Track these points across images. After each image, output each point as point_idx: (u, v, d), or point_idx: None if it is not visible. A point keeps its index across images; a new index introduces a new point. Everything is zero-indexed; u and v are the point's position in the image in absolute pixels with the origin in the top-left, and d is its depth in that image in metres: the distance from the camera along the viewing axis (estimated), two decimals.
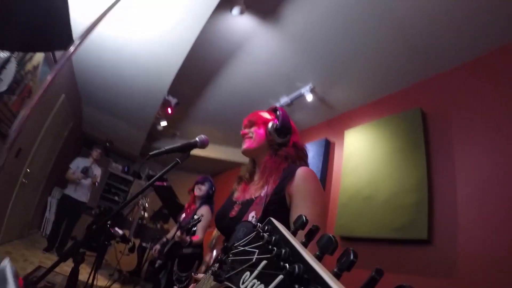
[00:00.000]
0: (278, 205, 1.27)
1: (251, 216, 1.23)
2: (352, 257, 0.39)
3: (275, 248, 0.46)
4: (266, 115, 1.61)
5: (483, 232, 2.46)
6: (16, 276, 1.15)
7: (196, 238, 3.30)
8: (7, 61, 3.01)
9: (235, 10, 3.19)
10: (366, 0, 2.93)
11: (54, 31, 2.62)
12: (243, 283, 0.47)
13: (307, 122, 5.08)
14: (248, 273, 0.48)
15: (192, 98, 5.43)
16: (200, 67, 4.49)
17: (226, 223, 1.40)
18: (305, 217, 0.53)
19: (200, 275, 1.42)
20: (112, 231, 3.61)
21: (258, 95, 4.78)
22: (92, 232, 4.43)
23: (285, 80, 4.32)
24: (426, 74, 3.51)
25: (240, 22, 3.51)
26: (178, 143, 6.22)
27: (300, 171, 1.33)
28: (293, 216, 1.24)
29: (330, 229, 3.69)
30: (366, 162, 3.68)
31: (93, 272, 3.32)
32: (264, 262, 0.46)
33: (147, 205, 4.39)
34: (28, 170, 4.81)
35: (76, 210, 5.86)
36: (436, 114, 3.24)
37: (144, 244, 5.38)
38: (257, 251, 0.51)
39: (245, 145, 1.55)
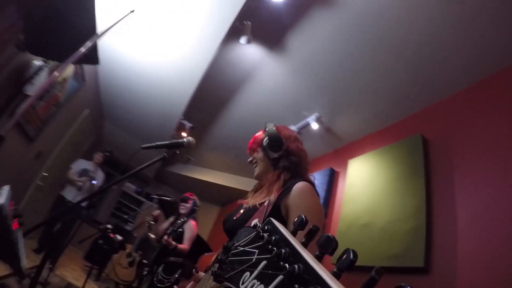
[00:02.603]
0: (276, 216, 1.22)
1: (254, 223, 1.23)
2: (352, 256, 0.39)
3: (275, 248, 0.45)
4: (260, 136, 1.64)
5: (482, 261, 2.32)
6: (10, 198, 1.21)
7: (183, 246, 3.43)
8: (40, 68, 3.24)
9: (243, 39, 3.31)
10: (368, 30, 2.99)
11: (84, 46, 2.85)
12: (243, 283, 0.46)
13: (314, 151, 5.05)
14: (248, 273, 0.47)
15: (206, 124, 5.53)
16: (214, 94, 4.63)
17: (229, 224, 1.43)
18: (305, 217, 0.52)
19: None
20: (112, 237, 3.65)
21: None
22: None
23: (292, 109, 4.37)
24: (428, 102, 3.48)
25: (248, 51, 3.65)
26: (191, 169, 6.36)
27: (297, 186, 1.32)
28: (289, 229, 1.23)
29: (329, 258, 3.58)
30: (367, 190, 3.60)
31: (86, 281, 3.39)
32: (264, 262, 0.46)
33: (152, 223, 4.40)
34: (46, 174, 4.95)
35: (73, 214, 5.14)
36: (438, 140, 3.18)
37: (145, 261, 5.37)
38: (257, 251, 0.51)
39: (255, 172, 1.60)
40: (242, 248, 0.57)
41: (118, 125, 6.92)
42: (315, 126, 4.27)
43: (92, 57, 3.09)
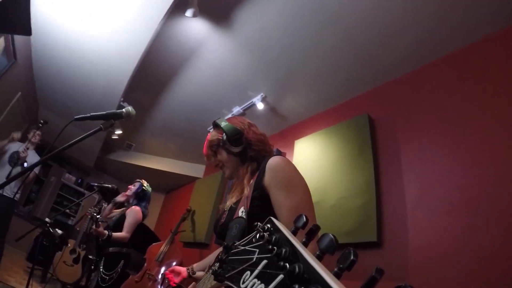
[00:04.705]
0: (260, 200, 1.21)
1: (241, 212, 1.19)
2: (352, 256, 0.38)
3: (275, 247, 0.44)
4: (214, 136, 1.54)
5: (432, 232, 2.41)
6: None
7: (119, 234, 3.13)
8: None
9: (189, 12, 2.99)
10: (317, 9, 2.88)
11: (14, 15, 2.49)
12: (243, 282, 0.46)
13: None
14: (248, 272, 0.47)
15: (147, 106, 5.15)
16: (155, 72, 4.28)
17: (218, 231, 1.37)
18: (306, 216, 0.51)
19: None
20: (52, 231, 3.33)
21: (211, 104, 4.61)
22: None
23: (238, 89, 4.18)
24: (373, 83, 3.50)
25: (194, 26, 3.36)
26: (133, 156, 5.92)
27: (270, 162, 1.27)
28: (276, 209, 1.19)
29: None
30: (315, 170, 3.54)
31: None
32: (264, 261, 0.45)
33: (96, 215, 4.08)
34: None
35: (4, 208, 4.13)
36: (383, 120, 3.23)
37: (90, 256, 5.05)
38: (257, 250, 0.50)
39: (225, 174, 1.53)
40: (242, 247, 0.57)
41: (54, 111, 6.22)
42: (260, 106, 4.13)
43: (23, 25, 2.70)
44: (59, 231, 3.57)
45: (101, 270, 3.08)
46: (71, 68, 4.61)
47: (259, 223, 0.57)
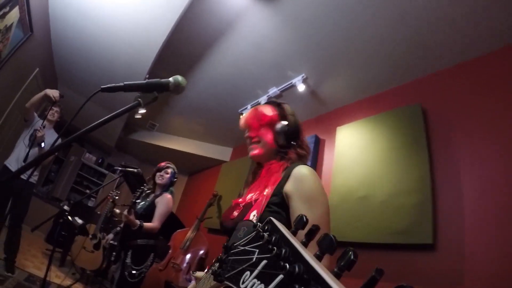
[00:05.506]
0: (277, 206, 1.20)
1: (252, 215, 1.16)
2: (352, 257, 0.39)
3: (275, 247, 0.45)
4: (268, 111, 1.46)
5: (492, 236, 2.22)
6: None
7: (151, 225, 2.93)
8: None
9: None
10: None
11: None
12: (243, 282, 0.46)
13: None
14: (248, 272, 0.47)
15: None
16: (185, 47, 4.06)
17: (227, 224, 1.31)
18: (305, 216, 0.52)
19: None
20: (71, 220, 3.08)
21: (244, 83, 4.38)
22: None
23: (276, 68, 3.93)
24: (427, 70, 3.22)
25: None
26: (156, 136, 5.59)
27: (296, 171, 1.24)
28: (293, 218, 1.17)
29: None
30: (360, 161, 3.31)
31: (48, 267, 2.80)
32: (264, 261, 0.46)
33: (117, 198, 3.85)
34: None
35: (23, 190, 3.85)
36: (438, 111, 2.99)
37: (112, 242, 4.86)
38: (257, 250, 0.51)
39: (254, 151, 1.44)
40: (242, 248, 0.57)
41: (73, 88, 6.04)
42: (301, 88, 3.88)
43: None
44: (79, 221, 3.33)
45: (129, 264, 2.88)
46: (93, 41, 4.43)
47: (259, 223, 0.57)
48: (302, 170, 1.23)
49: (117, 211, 3.19)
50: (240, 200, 1.39)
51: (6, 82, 3.91)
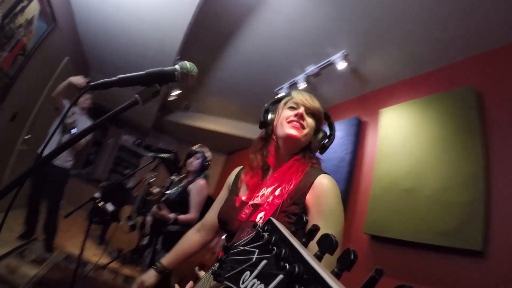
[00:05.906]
0: (294, 215, 1.13)
1: (259, 217, 1.11)
2: (352, 256, 0.39)
3: (275, 247, 0.45)
4: (319, 109, 1.39)
5: None
6: None
7: (187, 217, 2.86)
8: None
9: None
10: None
11: None
12: (243, 282, 0.46)
13: (336, 96, 4.39)
14: (248, 272, 0.47)
15: (206, 64, 4.81)
16: (215, 25, 3.88)
17: (236, 226, 1.23)
18: (305, 216, 0.53)
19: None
20: (102, 207, 3.02)
21: (280, 61, 4.15)
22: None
23: (314, 44, 3.65)
24: (482, 48, 2.82)
25: None
26: (192, 116, 5.48)
27: (321, 180, 1.18)
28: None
29: (360, 225, 3.10)
30: (406, 148, 3.03)
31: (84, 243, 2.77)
32: (264, 261, 0.46)
33: (153, 180, 3.78)
34: (29, 136, 4.28)
35: (55, 179, 3.97)
36: (494, 96, 2.59)
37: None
38: (257, 250, 0.51)
39: (295, 131, 1.30)
40: (242, 248, 0.57)
41: (105, 73, 6.16)
42: (341, 65, 3.59)
43: None
44: (110, 207, 3.27)
45: (159, 250, 2.81)
46: (119, 26, 4.42)
47: (259, 223, 0.57)
48: (326, 181, 1.18)
49: (155, 191, 3.14)
50: (248, 196, 1.32)
51: (36, 73, 3.97)
